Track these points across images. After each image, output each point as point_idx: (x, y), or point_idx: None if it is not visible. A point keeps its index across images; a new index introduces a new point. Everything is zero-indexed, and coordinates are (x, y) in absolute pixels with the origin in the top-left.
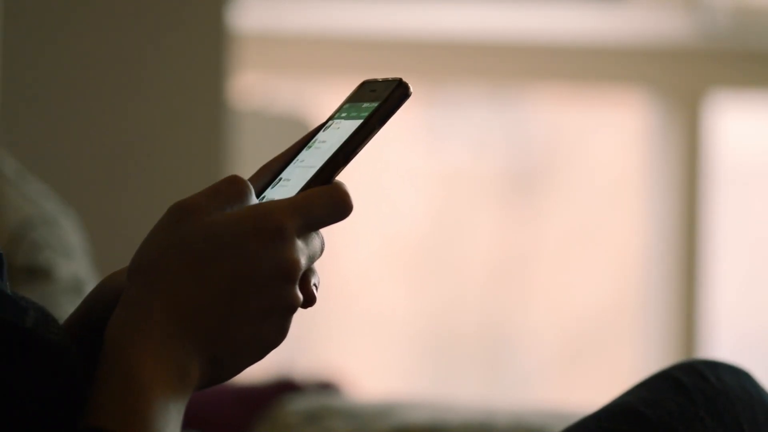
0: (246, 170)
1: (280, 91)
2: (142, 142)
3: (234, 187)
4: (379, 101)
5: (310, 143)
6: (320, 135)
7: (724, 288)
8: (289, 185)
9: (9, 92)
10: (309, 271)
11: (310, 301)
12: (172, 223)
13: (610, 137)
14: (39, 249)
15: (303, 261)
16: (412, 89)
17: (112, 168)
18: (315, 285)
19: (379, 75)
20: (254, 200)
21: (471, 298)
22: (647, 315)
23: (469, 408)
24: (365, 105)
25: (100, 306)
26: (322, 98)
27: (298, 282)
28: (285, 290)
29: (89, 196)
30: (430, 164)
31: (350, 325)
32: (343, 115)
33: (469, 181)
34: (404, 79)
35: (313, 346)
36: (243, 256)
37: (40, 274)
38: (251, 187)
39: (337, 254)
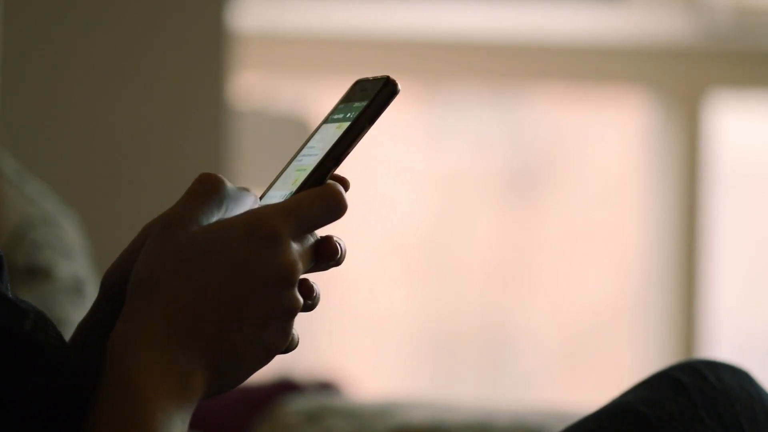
0: (246, 170)
1: (280, 91)
2: (142, 142)
3: (207, 183)
4: (367, 100)
5: (307, 143)
6: (316, 135)
7: (724, 288)
8: (285, 185)
9: (9, 92)
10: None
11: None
12: (162, 235)
13: (610, 137)
14: (39, 249)
15: (300, 264)
16: (400, 86)
17: (112, 168)
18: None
19: (376, 74)
20: (230, 192)
21: (471, 298)
22: (647, 315)
23: (469, 408)
24: (356, 104)
25: (105, 304)
26: (322, 98)
27: (297, 285)
28: (284, 294)
29: (89, 196)
30: (430, 164)
31: (350, 325)
32: (338, 116)
33: (469, 181)
34: (392, 77)
35: (313, 346)
36: (238, 263)
37: (40, 274)
38: (224, 179)
39: None
